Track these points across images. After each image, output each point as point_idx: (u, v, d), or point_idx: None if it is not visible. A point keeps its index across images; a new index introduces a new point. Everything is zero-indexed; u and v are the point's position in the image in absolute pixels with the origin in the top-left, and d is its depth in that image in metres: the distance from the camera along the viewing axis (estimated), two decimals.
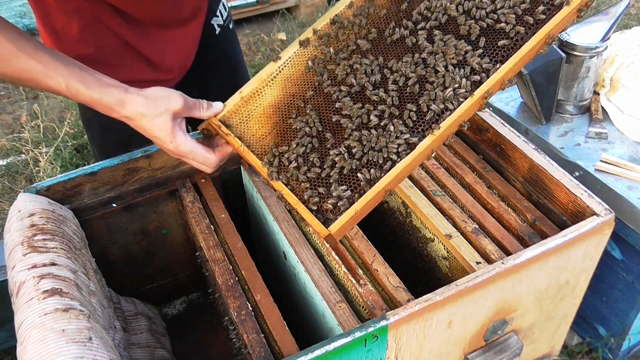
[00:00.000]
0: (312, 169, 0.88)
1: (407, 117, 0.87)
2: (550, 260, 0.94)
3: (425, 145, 0.85)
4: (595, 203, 0.97)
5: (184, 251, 1.32)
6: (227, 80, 1.35)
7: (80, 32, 1.05)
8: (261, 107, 0.97)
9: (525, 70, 1.34)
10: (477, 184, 1.12)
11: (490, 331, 0.99)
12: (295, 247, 1.02)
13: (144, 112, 0.88)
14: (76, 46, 1.06)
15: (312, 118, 0.92)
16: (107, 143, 1.25)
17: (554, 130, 1.43)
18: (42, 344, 0.74)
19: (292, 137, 0.93)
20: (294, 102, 0.96)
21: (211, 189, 1.18)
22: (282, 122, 0.95)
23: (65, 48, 1.02)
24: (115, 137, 1.19)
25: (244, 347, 0.89)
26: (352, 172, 0.86)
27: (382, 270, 0.96)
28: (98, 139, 1.27)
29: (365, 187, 0.84)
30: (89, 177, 1.10)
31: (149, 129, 0.90)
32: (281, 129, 0.95)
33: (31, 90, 2.83)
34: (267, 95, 0.98)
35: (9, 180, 2.28)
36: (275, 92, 0.98)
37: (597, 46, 1.35)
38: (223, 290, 0.95)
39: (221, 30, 1.29)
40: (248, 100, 0.98)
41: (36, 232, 0.93)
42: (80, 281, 0.90)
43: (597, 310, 1.44)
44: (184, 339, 1.36)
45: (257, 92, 0.98)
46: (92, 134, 1.28)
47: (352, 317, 0.89)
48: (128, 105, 0.87)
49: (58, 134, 2.43)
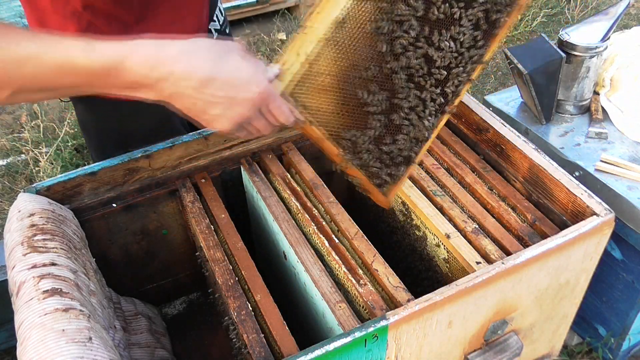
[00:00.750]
0: (382, 154, 0.94)
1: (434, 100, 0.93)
2: (550, 260, 0.94)
3: (442, 123, 1.00)
4: (595, 203, 0.97)
5: (184, 251, 1.32)
6: None
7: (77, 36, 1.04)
8: (324, 75, 0.81)
9: (525, 70, 1.34)
10: (477, 184, 1.12)
11: (490, 331, 0.99)
12: (295, 247, 1.02)
13: (210, 47, 0.69)
14: None
15: (382, 99, 0.86)
16: (104, 145, 1.23)
17: (554, 130, 1.43)
18: (42, 344, 0.74)
19: (362, 118, 0.87)
20: (359, 74, 0.84)
21: (211, 189, 1.18)
22: (349, 99, 0.86)
23: None
24: (113, 140, 1.18)
25: (244, 347, 0.89)
26: (409, 152, 0.97)
27: (382, 270, 0.96)
28: (95, 141, 1.24)
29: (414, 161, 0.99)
30: (89, 177, 1.10)
31: (226, 71, 0.69)
32: (349, 108, 0.86)
33: None
34: (328, 59, 0.80)
35: (9, 180, 2.28)
36: (338, 57, 0.81)
37: (597, 46, 1.35)
38: (223, 290, 0.95)
39: (218, 36, 1.29)
40: (311, 65, 0.80)
41: (36, 232, 0.93)
42: (80, 281, 0.90)
43: (597, 310, 1.44)
44: (184, 339, 1.36)
45: (319, 55, 0.80)
46: (89, 136, 1.25)
47: (352, 317, 0.89)
48: (173, 45, 0.67)
49: (58, 134, 2.43)
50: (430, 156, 1.21)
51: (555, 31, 3.10)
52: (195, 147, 1.18)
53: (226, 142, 1.21)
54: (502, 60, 2.91)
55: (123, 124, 1.13)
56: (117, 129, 1.13)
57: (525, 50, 1.40)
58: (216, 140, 1.19)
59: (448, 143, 1.24)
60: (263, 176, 1.19)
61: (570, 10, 3.26)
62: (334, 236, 1.03)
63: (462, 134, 1.24)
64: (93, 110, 1.11)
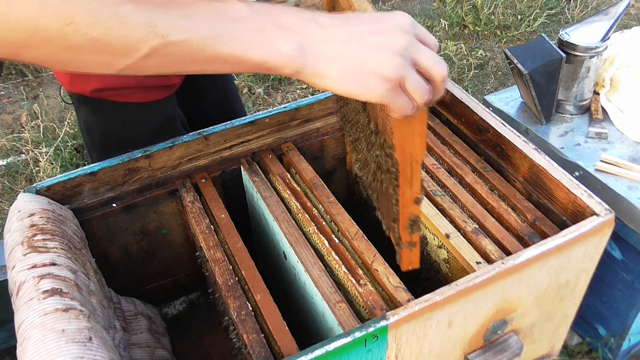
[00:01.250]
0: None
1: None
2: (550, 260, 0.94)
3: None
4: (595, 203, 0.97)
5: (184, 251, 1.32)
6: (218, 90, 1.34)
7: None
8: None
9: (525, 70, 1.34)
10: (477, 184, 1.12)
11: (490, 331, 0.99)
12: (295, 247, 1.02)
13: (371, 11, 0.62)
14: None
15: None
16: (107, 147, 1.21)
17: (554, 130, 1.43)
18: (42, 344, 0.74)
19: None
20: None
21: (211, 189, 1.18)
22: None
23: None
24: (116, 141, 1.17)
25: (244, 347, 0.89)
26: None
27: (382, 270, 0.96)
28: (98, 143, 1.23)
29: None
30: (89, 177, 1.10)
31: (386, 27, 0.58)
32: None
33: (31, 90, 2.83)
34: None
35: (9, 180, 2.28)
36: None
37: (597, 46, 1.35)
38: (223, 290, 0.95)
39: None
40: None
41: (36, 232, 0.93)
42: (80, 281, 0.90)
43: (597, 310, 1.44)
44: (184, 339, 1.36)
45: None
46: (92, 138, 1.23)
47: (352, 317, 0.89)
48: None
49: (58, 134, 2.44)
50: (430, 156, 1.21)
51: (555, 31, 3.10)
52: (195, 147, 1.18)
53: (226, 142, 1.21)
54: (502, 60, 2.91)
55: (127, 125, 1.13)
56: (121, 131, 1.13)
57: (525, 50, 1.40)
58: (216, 140, 1.19)
59: (448, 143, 1.24)
60: (263, 176, 1.19)
61: (570, 10, 3.26)
62: (334, 236, 1.03)
63: (462, 134, 1.24)
64: (98, 112, 1.11)
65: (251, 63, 0.58)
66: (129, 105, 1.08)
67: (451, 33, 3.10)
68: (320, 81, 0.60)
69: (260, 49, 0.57)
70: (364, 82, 0.59)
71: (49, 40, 0.52)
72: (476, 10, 3.25)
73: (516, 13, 3.25)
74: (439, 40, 3.05)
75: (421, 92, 0.60)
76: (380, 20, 0.61)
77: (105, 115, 1.12)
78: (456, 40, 3.05)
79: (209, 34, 0.55)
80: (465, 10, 3.25)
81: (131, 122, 1.13)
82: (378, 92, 0.59)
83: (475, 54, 2.90)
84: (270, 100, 2.73)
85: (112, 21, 0.52)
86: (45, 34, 0.52)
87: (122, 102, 1.07)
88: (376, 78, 0.58)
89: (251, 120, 1.21)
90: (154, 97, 1.09)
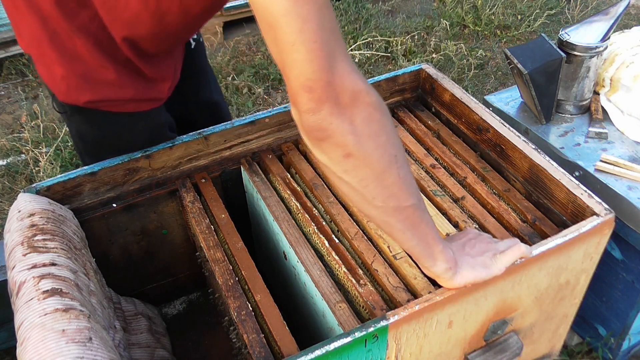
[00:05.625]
0: None
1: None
2: (550, 260, 0.94)
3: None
4: (595, 203, 0.97)
5: (184, 251, 1.32)
6: (203, 94, 1.35)
7: (85, 49, 0.98)
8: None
9: (525, 70, 1.34)
10: (477, 184, 1.12)
11: (490, 331, 0.99)
12: (295, 247, 1.02)
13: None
14: (79, 63, 1.00)
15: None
16: (100, 155, 1.16)
17: (554, 130, 1.43)
18: (42, 344, 0.74)
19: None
20: None
21: (211, 189, 1.18)
22: None
23: (68, 63, 0.99)
24: (110, 150, 1.14)
25: (244, 347, 0.89)
26: None
27: (382, 270, 0.96)
28: (91, 151, 1.18)
29: None
30: (89, 177, 1.10)
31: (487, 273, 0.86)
32: None
33: (31, 90, 2.83)
34: None
35: (9, 180, 2.28)
36: None
37: (597, 46, 1.35)
38: (223, 290, 0.95)
39: (196, 45, 1.28)
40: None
41: (36, 232, 0.93)
42: (80, 281, 0.90)
43: (597, 310, 1.44)
44: (184, 339, 1.36)
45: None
46: (86, 146, 1.18)
47: (352, 317, 0.89)
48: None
49: (58, 134, 2.43)
50: (430, 156, 1.21)
51: (555, 31, 3.10)
52: (195, 147, 1.18)
53: (226, 142, 1.21)
54: (502, 60, 2.91)
55: (120, 134, 1.12)
56: (114, 139, 1.13)
57: (525, 50, 1.40)
58: (216, 140, 1.19)
59: (448, 143, 1.24)
60: (263, 176, 1.19)
61: (570, 10, 3.26)
62: (334, 236, 1.03)
63: (462, 134, 1.25)
64: (91, 122, 1.10)
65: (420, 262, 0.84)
66: (122, 115, 1.08)
67: (451, 33, 3.10)
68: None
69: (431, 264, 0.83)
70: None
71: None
72: (476, 10, 3.25)
73: (516, 13, 3.25)
74: (439, 40, 3.05)
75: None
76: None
77: (99, 125, 1.10)
78: (456, 40, 3.05)
79: (418, 242, 0.80)
80: (465, 10, 3.25)
81: (124, 131, 1.12)
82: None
83: (475, 54, 2.89)
84: (270, 100, 2.73)
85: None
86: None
87: (115, 112, 1.07)
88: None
89: (251, 120, 1.21)
90: (147, 107, 1.10)
